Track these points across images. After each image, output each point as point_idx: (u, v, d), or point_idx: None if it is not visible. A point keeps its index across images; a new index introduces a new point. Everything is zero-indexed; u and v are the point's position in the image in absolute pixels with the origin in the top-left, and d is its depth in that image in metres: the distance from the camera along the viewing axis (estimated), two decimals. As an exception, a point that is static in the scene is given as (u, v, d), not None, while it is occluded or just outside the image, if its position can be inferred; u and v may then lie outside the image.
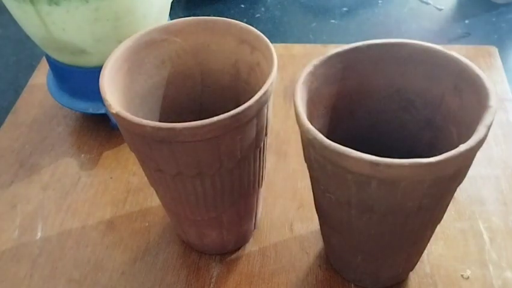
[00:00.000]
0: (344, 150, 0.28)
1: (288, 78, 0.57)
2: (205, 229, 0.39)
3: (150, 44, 0.37)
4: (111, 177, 0.49)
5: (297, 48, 0.61)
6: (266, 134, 0.36)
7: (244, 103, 0.31)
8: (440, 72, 0.34)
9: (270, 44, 0.36)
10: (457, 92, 0.33)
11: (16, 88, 0.59)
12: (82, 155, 0.51)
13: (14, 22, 0.47)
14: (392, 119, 0.38)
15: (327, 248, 0.41)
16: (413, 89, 0.36)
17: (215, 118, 0.30)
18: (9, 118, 0.55)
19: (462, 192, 0.45)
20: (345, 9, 0.70)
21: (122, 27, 0.44)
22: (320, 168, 0.31)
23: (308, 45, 0.62)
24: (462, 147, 0.28)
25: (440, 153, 0.28)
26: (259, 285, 0.40)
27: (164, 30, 0.38)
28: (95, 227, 0.45)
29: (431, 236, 0.36)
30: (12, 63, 0.65)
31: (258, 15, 0.70)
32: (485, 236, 0.42)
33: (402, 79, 0.36)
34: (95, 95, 0.43)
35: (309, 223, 0.44)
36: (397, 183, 0.28)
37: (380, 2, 0.71)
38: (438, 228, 0.36)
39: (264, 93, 0.32)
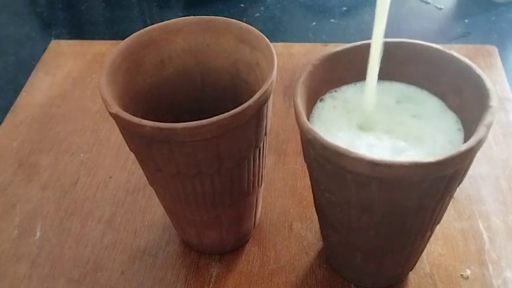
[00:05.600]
0: (344, 150, 0.28)
1: (288, 78, 0.57)
2: (204, 229, 0.39)
3: (149, 43, 0.37)
4: (110, 177, 0.49)
5: (297, 47, 0.61)
6: (266, 134, 0.36)
7: (243, 103, 0.31)
8: (440, 72, 0.34)
9: (269, 43, 0.36)
10: (457, 91, 0.33)
11: (15, 87, 0.59)
12: (81, 155, 0.51)
13: (13, 22, 0.47)
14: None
15: (326, 248, 0.41)
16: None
17: (214, 118, 0.30)
18: (9, 117, 0.55)
19: (462, 192, 0.45)
20: (344, 8, 0.70)
21: None
22: (320, 168, 0.31)
23: (308, 45, 0.61)
24: (462, 147, 0.28)
25: (440, 153, 0.28)
26: (258, 285, 0.40)
27: (164, 29, 0.38)
28: (94, 226, 0.45)
29: (430, 236, 0.36)
30: (11, 63, 0.65)
31: (257, 14, 0.70)
32: (485, 236, 0.42)
33: (402, 79, 0.36)
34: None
35: (308, 223, 0.44)
36: (397, 183, 0.28)
37: (379, 1, 0.71)
38: (438, 228, 0.35)
39: (264, 93, 0.32)
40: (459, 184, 0.31)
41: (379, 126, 0.33)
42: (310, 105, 0.34)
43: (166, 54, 0.38)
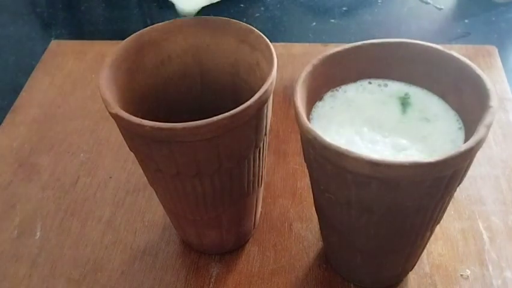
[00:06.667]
0: (344, 150, 0.28)
1: (288, 78, 0.57)
2: (204, 229, 0.39)
3: (150, 43, 0.37)
4: (110, 177, 0.49)
5: (297, 47, 0.61)
6: (266, 134, 0.36)
7: (243, 103, 0.31)
8: (440, 72, 0.34)
9: (269, 43, 0.36)
10: (457, 91, 0.33)
11: (15, 88, 0.59)
12: (81, 155, 0.51)
13: (13, 22, 0.47)
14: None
15: (326, 248, 0.41)
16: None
17: (214, 118, 0.30)
18: (8, 117, 0.55)
19: (462, 192, 0.45)
20: (344, 8, 0.70)
21: None
22: (320, 168, 0.31)
23: (308, 45, 0.61)
24: (462, 147, 0.28)
25: (440, 153, 0.27)
26: (258, 285, 0.40)
27: (164, 29, 0.38)
28: (94, 226, 0.45)
29: (430, 236, 0.36)
30: (11, 63, 0.65)
31: (257, 14, 0.70)
32: (485, 236, 0.42)
33: (402, 79, 0.36)
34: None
35: (308, 223, 0.44)
36: (397, 183, 0.28)
37: (379, 1, 0.71)
38: (438, 228, 0.35)
39: (264, 93, 0.32)
40: (459, 184, 0.31)
41: (379, 124, 0.33)
42: (310, 105, 0.34)
43: (166, 54, 0.38)
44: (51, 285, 0.41)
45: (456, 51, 0.33)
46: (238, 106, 0.31)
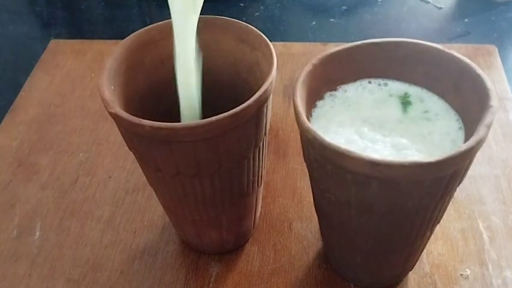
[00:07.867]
0: (344, 150, 0.28)
1: (288, 77, 0.57)
2: (204, 229, 0.39)
3: (149, 43, 0.37)
4: (110, 177, 0.49)
5: (297, 47, 0.61)
6: (266, 134, 0.36)
7: (243, 102, 0.31)
8: (440, 71, 0.34)
9: (269, 42, 0.35)
10: (457, 91, 0.33)
11: (15, 87, 0.59)
12: (81, 154, 0.51)
13: (13, 21, 0.47)
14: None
15: (326, 248, 0.41)
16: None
17: (214, 118, 0.30)
18: (8, 117, 0.55)
19: (462, 191, 0.45)
20: (344, 8, 0.70)
21: None
22: (320, 168, 0.31)
23: (308, 44, 0.61)
24: (462, 147, 0.28)
25: (440, 153, 0.27)
26: (258, 285, 0.40)
27: (164, 29, 0.38)
28: (93, 226, 0.45)
29: (430, 236, 0.36)
30: (10, 62, 0.65)
31: (257, 14, 0.70)
32: (485, 236, 0.42)
33: (402, 78, 0.36)
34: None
35: (308, 222, 0.44)
36: (397, 183, 0.28)
37: (379, 0, 0.71)
38: (438, 227, 0.35)
39: (264, 93, 0.32)
40: (459, 184, 0.31)
41: (379, 124, 0.33)
42: (310, 104, 0.34)
43: (165, 54, 0.38)
44: (50, 285, 0.41)
45: (456, 51, 0.33)
46: (238, 106, 0.31)
